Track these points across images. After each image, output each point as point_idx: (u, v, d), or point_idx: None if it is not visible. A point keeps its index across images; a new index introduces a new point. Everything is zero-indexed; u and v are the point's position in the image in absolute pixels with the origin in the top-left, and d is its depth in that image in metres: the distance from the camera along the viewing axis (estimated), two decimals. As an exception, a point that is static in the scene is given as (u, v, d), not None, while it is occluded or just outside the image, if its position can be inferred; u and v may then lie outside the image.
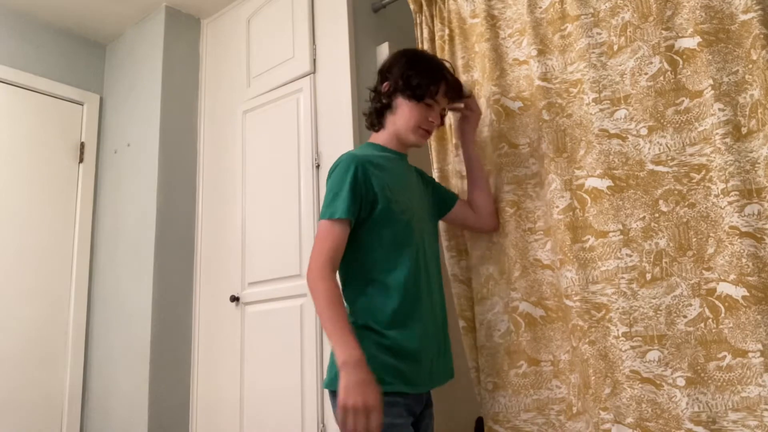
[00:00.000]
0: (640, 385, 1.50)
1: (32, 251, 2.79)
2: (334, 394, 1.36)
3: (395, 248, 1.48)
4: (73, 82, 3.08)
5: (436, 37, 2.12)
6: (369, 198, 1.47)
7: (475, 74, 2.00)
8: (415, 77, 1.57)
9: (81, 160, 3.04)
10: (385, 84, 1.63)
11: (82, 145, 3.05)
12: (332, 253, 1.42)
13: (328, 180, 1.51)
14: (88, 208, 3.01)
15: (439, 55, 2.10)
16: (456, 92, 1.68)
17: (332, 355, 1.39)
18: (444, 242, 1.96)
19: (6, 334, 2.64)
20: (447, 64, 1.68)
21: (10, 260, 2.71)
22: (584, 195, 1.67)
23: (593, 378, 1.55)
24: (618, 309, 1.57)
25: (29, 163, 2.85)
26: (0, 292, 2.66)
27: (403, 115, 1.59)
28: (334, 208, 1.44)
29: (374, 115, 1.66)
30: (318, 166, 2.35)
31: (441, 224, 1.97)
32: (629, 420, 1.49)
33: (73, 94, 3.06)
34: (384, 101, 1.62)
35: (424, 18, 2.18)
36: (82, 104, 3.09)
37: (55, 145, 2.96)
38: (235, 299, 2.54)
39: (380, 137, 1.65)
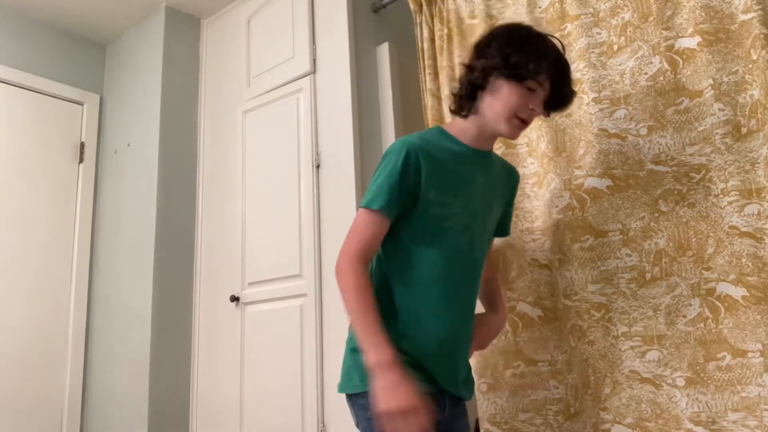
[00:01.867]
0: (639, 385, 1.50)
1: (32, 251, 2.79)
2: (356, 398, 1.28)
3: (419, 260, 1.34)
4: (73, 82, 3.08)
5: (436, 37, 2.12)
6: (412, 192, 1.30)
7: None
8: (516, 55, 1.31)
9: (81, 160, 3.04)
10: (480, 61, 1.36)
11: (82, 145, 3.05)
12: (365, 245, 1.28)
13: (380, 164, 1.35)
14: (88, 208, 3.01)
15: (438, 54, 2.10)
16: (563, 78, 1.37)
17: (350, 356, 1.31)
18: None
19: (6, 335, 2.64)
20: (558, 44, 1.41)
21: (10, 260, 2.71)
22: (583, 194, 1.67)
23: (593, 378, 1.55)
24: (617, 309, 1.57)
25: (29, 163, 2.85)
26: (0, 292, 2.66)
27: (500, 98, 1.32)
28: (374, 196, 1.28)
29: (464, 96, 1.38)
30: (318, 166, 2.35)
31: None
32: (629, 420, 1.49)
33: (73, 94, 3.05)
34: (478, 81, 1.36)
35: (424, 18, 2.18)
36: (82, 104, 3.09)
37: (55, 145, 2.96)
38: (235, 299, 2.54)
39: (456, 126, 1.41)
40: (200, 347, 2.66)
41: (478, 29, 1.99)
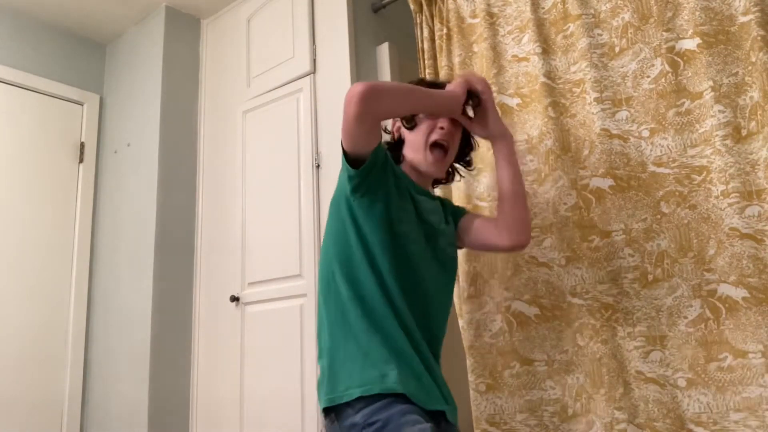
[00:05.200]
0: (645, 385, 1.50)
1: (32, 251, 2.78)
2: (332, 412, 1.26)
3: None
4: (73, 82, 3.07)
5: (436, 37, 2.12)
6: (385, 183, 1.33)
7: None
8: None
9: (81, 160, 3.03)
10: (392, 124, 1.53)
11: (82, 145, 3.04)
12: None
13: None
14: (88, 208, 3.01)
15: (438, 54, 2.10)
16: None
17: (329, 369, 1.29)
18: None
19: (6, 335, 2.64)
20: (428, 78, 1.54)
21: (9, 260, 2.71)
22: (589, 195, 1.67)
23: (607, 377, 1.55)
24: (623, 309, 1.57)
25: (29, 163, 2.85)
26: (0, 292, 2.66)
27: (411, 141, 1.45)
28: None
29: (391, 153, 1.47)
30: (318, 166, 2.35)
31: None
32: (639, 420, 1.49)
33: (73, 94, 3.05)
34: (395, 138, 1.51)
35: (424, 18, 2.18)
36: (82, 104, 3.08)
37: (55, 145, 2.96)
38: (235, 299, 2.54)
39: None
40: (200, 347, 2.66)
41: (478, 28, 1.99)
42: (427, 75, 2.12)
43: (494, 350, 1.76)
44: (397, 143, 1.49)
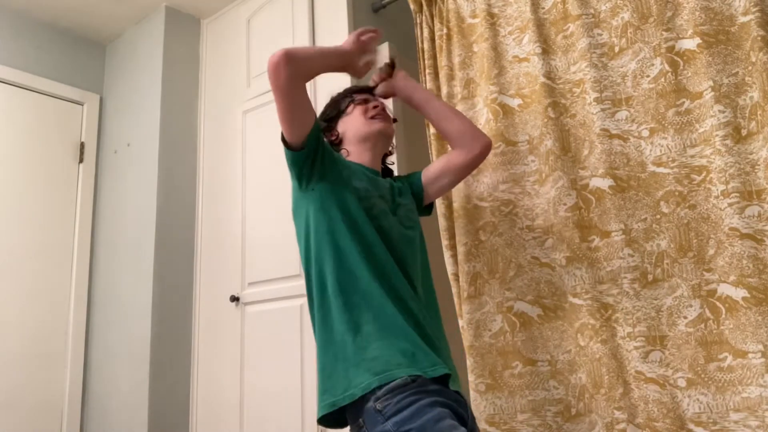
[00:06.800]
0: (645, 385, 1.50)
1: (32, 251, 2.78)
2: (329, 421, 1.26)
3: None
4: (73, 82, 3.07)
5: (436, 37, 2.12)
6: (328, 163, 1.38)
7: (471, 72, 2.00)
8: (330, 110, 1.64)
9: (81, 160, 3.03)
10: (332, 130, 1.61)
11: (82, 145, 3.05)
12: None
13: None
14: (88, 208, 3.01)
15: (437, 54, 2.10)
16: (362, 89, 1.65)
17: (327, 380, 1.26)
18: (444, 241, 1.96)
19: (6, 334, 2.64)
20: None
21: (9, 260, 2.71)
22: (589, 195, 1.67)
23: (607, 377, 1.55)
24: (622, 309, 1.57)
25: (29, 163, 2.85)
26: (0, 292, 2.66)
27: (352, 126, 1.55)
28: None
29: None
30: (318, 167, 2.35)
31: (441, 222, 1.97)
32: (639, 420, 1.49)
33: (73, 94, 3.05)
34: (334, 136, 1.59)
35: (424, 18, 2.18)
36: (82, 104, 3.08)
37: (55, 145, 2.96)
38: (235, 299, 2.54)
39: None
40: (200, 347, 2.66)
41: (478, 28, 1.99)
42: (427, 75, 2.12)
43: (494, 350, 1.76)
44: (338, 144, 1.57)
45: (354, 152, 1.53)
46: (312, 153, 1.35)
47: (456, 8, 2.08)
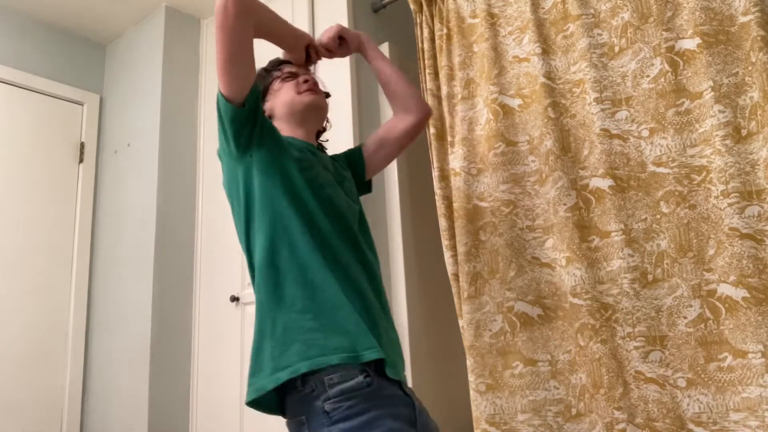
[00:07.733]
0: (644, 385, 1.50)
1: (32, 251, 2.78)
2: (259, 405, 1.17)
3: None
4: (73, 82, 3.07)
5: (436, 37, 2.12)
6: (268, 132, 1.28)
7: (471, 72, 2.00)
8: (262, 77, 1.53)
9: (81, 160, 3.03)
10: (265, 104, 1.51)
11: (82, 145, 3.05)
12: None
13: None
14: (88, 208, 3.01)
15: (437, 54, 2.10)
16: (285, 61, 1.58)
17: (262, 361, 1.15)
18: (444, 241, 1.96)
19: (6, 334, 2.64)
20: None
21: (9, 260, 2.71)
22: (589, 195, 1.68)
23: (606, 377, 1.55)
24: (622, 309, 1.57)
25: (29, 163, 2.85)
26: (0, 292, 2.66)
27: (282, 100, 1.46)
28: None
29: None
30: (318, 167, 2.35)
31: (441, 222, 1.96)
32: (638, 420, 1.49)
33: (73, 94, 3.05)
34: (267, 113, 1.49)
35: (424, 18, 2.18)
36: (82, 104, 3.08)
37: (55, 145, 2.96)
38: (235, 299, 2.54)
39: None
40: (200, 347, 2.66)
41: (478, 28, 1.99)
42: (428, 75, 2.12)
43: (494, 350, 1.76)
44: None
45: (285, 129, 1.42)
46: (252, 115, 1.24)
47: (456, 8, 2.08)
